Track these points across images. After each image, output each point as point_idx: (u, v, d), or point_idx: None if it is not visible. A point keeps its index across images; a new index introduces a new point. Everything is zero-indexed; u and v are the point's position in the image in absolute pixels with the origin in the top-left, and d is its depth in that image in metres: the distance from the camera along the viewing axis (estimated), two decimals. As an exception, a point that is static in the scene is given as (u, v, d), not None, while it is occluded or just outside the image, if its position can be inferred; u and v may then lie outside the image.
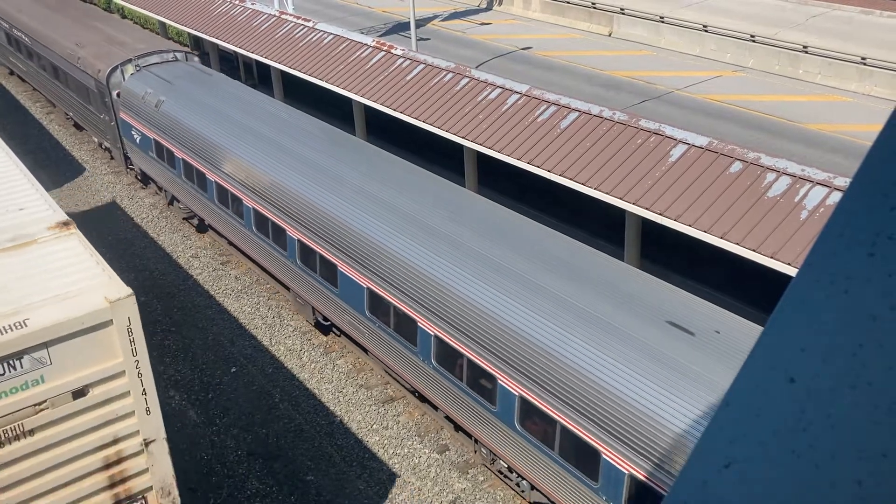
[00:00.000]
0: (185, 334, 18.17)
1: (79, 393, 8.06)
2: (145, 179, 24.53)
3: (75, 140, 29.14)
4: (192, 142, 19.81)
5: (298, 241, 16.36)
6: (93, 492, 8.40)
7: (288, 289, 18.08)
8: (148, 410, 8.62)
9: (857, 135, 23.27)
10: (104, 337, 8.10)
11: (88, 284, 8.44)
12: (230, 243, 20.62)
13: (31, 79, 32.50)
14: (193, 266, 20.83)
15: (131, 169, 24.95)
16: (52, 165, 27.31)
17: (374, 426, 15.26)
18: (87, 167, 26.85)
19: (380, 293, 14.35)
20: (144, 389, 8.54)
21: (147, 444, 8.71)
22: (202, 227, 22.31)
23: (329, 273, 15.66)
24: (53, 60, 27.70)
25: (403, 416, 15.44)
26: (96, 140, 27.02)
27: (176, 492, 9.12)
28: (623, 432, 10.17)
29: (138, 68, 23.18)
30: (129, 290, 8.28)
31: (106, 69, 23.37)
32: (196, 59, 24.44)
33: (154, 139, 21.49)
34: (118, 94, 23.11)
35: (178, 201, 22.05)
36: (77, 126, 29.24)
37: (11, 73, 36.15)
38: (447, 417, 14.45)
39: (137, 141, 22.63)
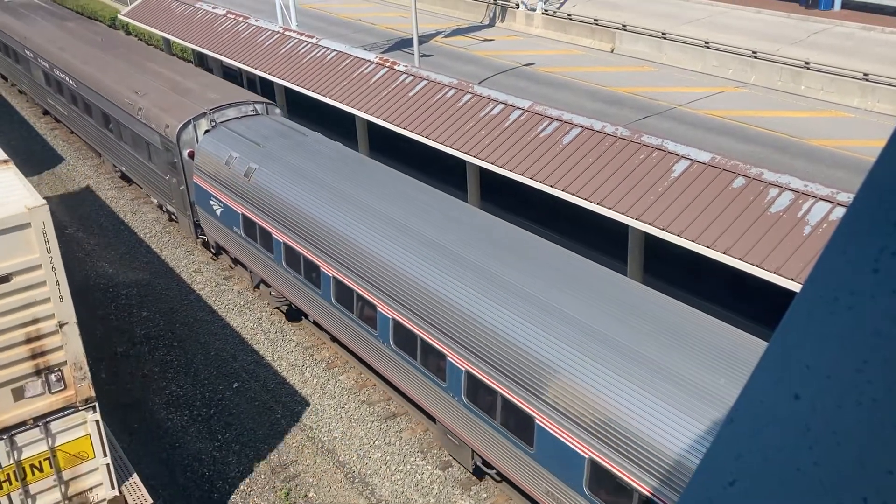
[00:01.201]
0: (187, 349, 18.16)
1: (4, 279, 10.20)
2: (218, 249, 21.01)
3: (79, 155, 29.25)
4: (299, 225, 16.13)
5: (467, 372, 12.35)
6: (18, 360, 10.62)
7: (433, 419, 14.49)
8: (61, 298, 10.63)
9: (860, 150, 23.29)
10: (24, 236, 10.20)
11: (15, 199, 10.45)
12: (332, 338, 17.26)
13: (72, 124, 28.93)
14: (196, 281, 20.84)
15: (202, 238, 21.14)
16: (57, 181, 27.42)
17: (377, 442, 15.21)
18: (92, 182, 26.94)
19: (612, 470, 10.24)
20: (58, 280, 10.49)
21: (61, 325, 10.74)
22: (294, 315, 18.83)
23: (518, 424, 11.71)
24: (105, 108, 24.28)
25: (406, 432, 15.38)
26: (155, 201, 23.67)
27: (86, 367, 11.17)
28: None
29: (213, 124, 19.66)
30: (43, 202, 10.34)
31: (176, 125, 19.91)
32: (277, 111, 20.87)
33: (242, 214, 17.88)
34: (190, 154, 19.79)
35: (269, 285, 18.48)
36: (124, 178, 26.22)
37: (46, 112, 32.84)
38: None
39: (217, 213, 19.02)
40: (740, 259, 12.55)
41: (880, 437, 1.05)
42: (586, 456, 10.53)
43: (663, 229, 13.68)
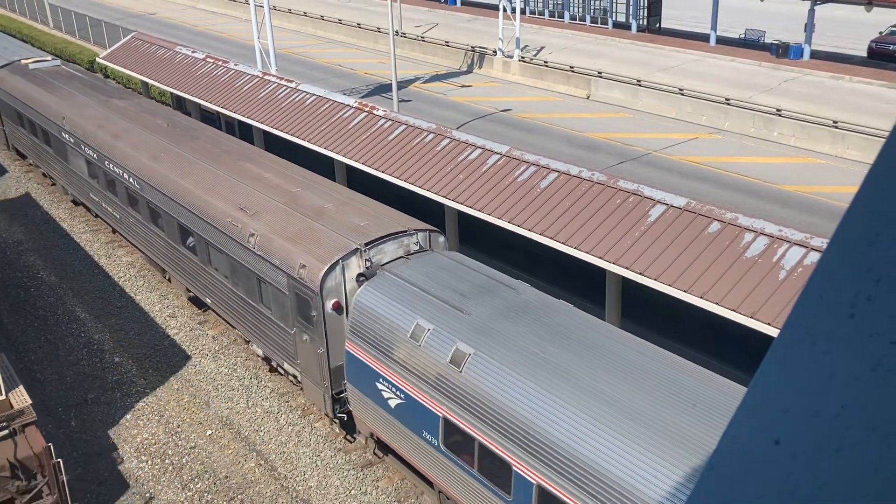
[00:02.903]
0: (160, 396, 17.85)
1: None
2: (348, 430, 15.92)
3: (52, 198, 29.03)
4: (572, 468, 10.43)
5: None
6: None
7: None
8: None
9: (832, 196, 23.71)
10: None
11: None
12: None
13: (127, 230, 23.11)
14: (170, 325, 20.58)
15: (339, 418, 15.64)
16: (31, 224, 27.14)
17: (353, 491, 14.95)
18: (65, 225, 26.70)
19: None
20: None
21: None
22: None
23: None
24: (186, 222, 18.90)
25: (383, 480, 15.14)
26: (260, 352, 17.83)
27: None
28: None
29: (369, 265, 14.43)
30: None
31: (319, 267, 14.55)
32: (441, 240, 15.63)
33: (446, 419, 12.29)
34: (335, 307, 14.64)
35: None
36: (195, 301, 21.04)
37: (76, 202, 27.51)
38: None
39: (390, 403, 13.50)
40: (717, 303, 12.62)
41: (861, 482, 1.04)
42: None
43: (640, 273, 13.75)
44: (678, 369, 11.13)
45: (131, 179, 21.32)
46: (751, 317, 12.14)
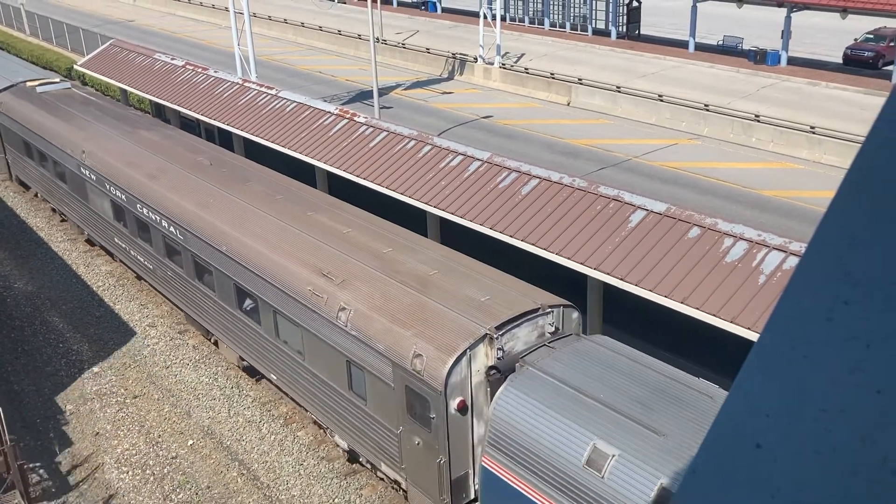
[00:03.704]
0: (140, 406, 17.68)
1: None
2: None
3: (30, 207, 28.73)
4: None
5: None
6: None
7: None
8: None
9: (810, 200, 23.95)
10: None
11: None
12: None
13: (158, 281, 20.40)
14: (150, 335, 20.40)
15: None
16: (8, 233, 26.84)
17: (336, 500, 14.87)
18: (42, 234, 26.43)
19: None
20: None
21: None
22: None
23: None
24: (243, 282, 16.18)
25: (366, 489, 15.07)
26: (344, 444, 15.08)
27: None
28: None
29: (501, 354, 11.79)
30: None
31: (441, 360, 11.72)
32: (575, 315, 13.03)
33: None
34: (460, 406, 11.80)
35: None
36: (249, 371, 18.19)
37: (91, 242, 24.90)
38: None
39: None
40: (697, 308, 12.69)
41: (840, 485, 1.05)
42: None
43: (621, 279, 13.81)
44: None
45: (171, 228, 18.49)
46: (731, 321, 12.22)
